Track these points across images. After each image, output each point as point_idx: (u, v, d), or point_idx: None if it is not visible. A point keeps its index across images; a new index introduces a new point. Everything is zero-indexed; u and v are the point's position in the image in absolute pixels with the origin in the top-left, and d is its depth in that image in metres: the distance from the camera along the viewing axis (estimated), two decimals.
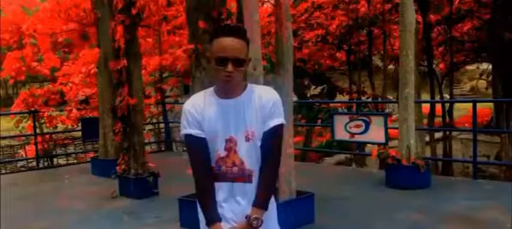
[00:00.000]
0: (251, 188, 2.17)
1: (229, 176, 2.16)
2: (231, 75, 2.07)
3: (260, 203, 2.15)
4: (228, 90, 2.14)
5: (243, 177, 2.16)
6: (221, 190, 2.18)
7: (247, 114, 2.14)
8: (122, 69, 6.91)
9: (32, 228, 5.77)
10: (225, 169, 2.15)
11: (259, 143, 2.16)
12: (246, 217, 2.13)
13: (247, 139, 2.13)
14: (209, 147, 2.15)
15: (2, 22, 12.92)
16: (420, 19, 12.45)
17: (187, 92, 12.60)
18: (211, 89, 2.21)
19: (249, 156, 2.15)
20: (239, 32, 2.12)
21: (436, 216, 5.42)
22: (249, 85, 2.22)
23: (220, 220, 2.16)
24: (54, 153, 12.46)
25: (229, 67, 2.06)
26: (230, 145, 2.14)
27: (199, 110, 2.15)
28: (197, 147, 2.16)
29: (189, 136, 2.15)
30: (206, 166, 2.17)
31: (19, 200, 7.12)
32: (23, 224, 5.93)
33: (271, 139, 2.16)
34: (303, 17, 12.77)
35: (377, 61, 17.97)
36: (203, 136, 2.14)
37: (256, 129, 2.14)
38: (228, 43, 2.07)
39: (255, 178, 2.17)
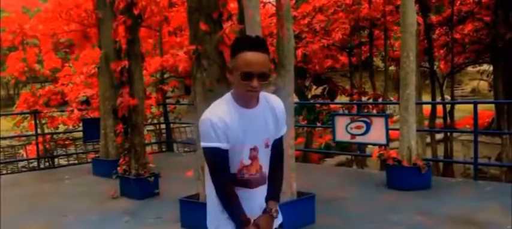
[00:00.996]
0: (265, 189, 2.32)
1: (253, 183, 2.26)
2: (256, 90, 2.13)
3: (276, 196, 2.32)
4: (251, 101, 2.21)
5: (263, 181, 2.29)
6: (242, 197, 2.24)
7: (265, 123, 2.25)
8: (123, 70, 6.93)
9: (31, 228, 5.78)
10: (249, 176, 2.24)
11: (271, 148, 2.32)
12: (264, 211, 2.25)
13: (266, 146, 2.27)
14: (233, 156, 2.20)
15: (5, 22, 12.94)
16: (421, 20, 12.44)
17: (188, 92, 12.63)
18: (230, 96, 2.22)
19: (266, 161, 2.30)
20: (263, 46, 2.15)
21: (436, 218, 5.42)
22: (260, 93, 2.26)
23: (250, 221, 2.22)
24: (55, 153, 12.46)
25: (255, 82, 2.10)
26: (254, 154, 2.23)
27: (226, 121, 2.16)
28: (223, 159, 2.18)
29: (216, 149, 2.15)
30: (230, 176, 2.23)
31: (20, 200, 7.13)
32: (24, 224, 5.94)
33: (281, 145, 2.38)
34: (305, 21, 12.76)
35: (378, 62, 17.96)
36: (228, 148, 2.18)
37: (271, 137, 2.29)
38: (254, 58, 2.10)
39: (267, 180, 2.34)
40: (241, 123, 2.18)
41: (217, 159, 2.17)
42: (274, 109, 2.29)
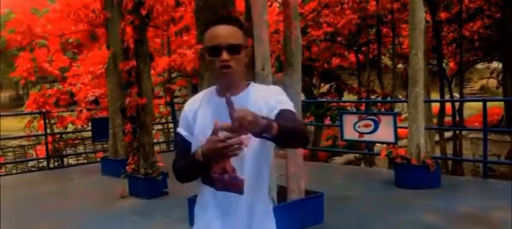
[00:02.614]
0: (244, 202, 1.89)
1: (219, 183, 1.87)
2: (228, 64, 1.84)
3: (280, 123, 1.69)
4: (228, 85, 1.88)
5: (233, 186, 1.84)
6: (210, 195, 1.95)
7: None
8: (131, 70, 6.95)
9: (41, 228, 5.82)
10: (215, 175, 1.87)
11: (259, 149, 1.88)
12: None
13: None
14: (195, 149, 1.92)
15: (14, 23, 13.05)
16: (430, 18, 12.38)
17: (196, 91, 12.62)
18: (214, 87, 2.00)
19: (242, 163, 1.85)
20: (230, 19, 1.94)
21: (446, 216, 5.39)
22: (251, 84, 1.99)
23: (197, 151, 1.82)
24: (64, 153, 12.54)
25: (224, 55, 1.83)
26: None
27: (193, 109, 2.00)
28: (182, 148, 1.99)
29: (177, 135, 2.03)
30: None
31: (29, 200, 7.18)
32: (33, 223, 5.98)
33: (289, 118, 1.81)
34: (311, 16, 12.74)
35: (386, 60, 17.89)
36: (189, 140, 1.97)
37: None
38: (220, 30, 1.87)
39: (250, 192, 1.87)
40: (211, 112, 1.92)
41: (177, 145, 2.04)
42: (262, 96, 1.89)
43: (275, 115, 1.81)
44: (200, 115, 1.97)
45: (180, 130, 2.02)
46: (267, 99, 1.89)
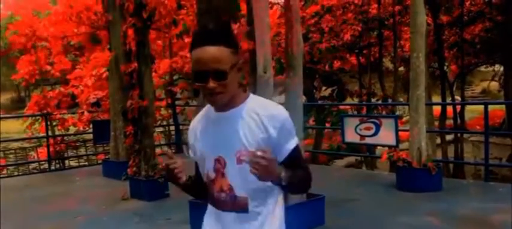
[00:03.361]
0: (248, 219, 1.81)
1: (220, 203, 1.83)
2: (214, 92, 1.71)
3: (289, 171, 1.73)
4: (218, 107, 1.80)
5: (234, 205, 1.79)
6: (212, 214, 1.94)
7: (241, 131, 1.75)
8: (133, 72, 6.97)
9: None
10: (215, 193, 1.84)
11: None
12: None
13: (239, 161, 1.75)
14: (202, 166, 1.90)
15: (16, 25, 13.08)
16: (431, 21, 12.38)
17: (197, 94, 12.63)
18: None
19: (240, 180, 1.77)
20: (216, 37, 1.70)
21: (447, 219, 5.39)
22: (250, 96, 1.85)
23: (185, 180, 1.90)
24: (65, 155, 12.56)
25: (210, 83, 1.69)
26: (218, 167, 1.80)
27: (194, 128, 1.93)
28: (195, 167, 1.97)
29: (190, 155, 2.00)
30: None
31: (31, 202, 7.19)
32: (34, 225, 5.99)
33: (296, 164, 1.82)
34: (313, 20, 12.75)
35: (387, 63, 17.89)
36: (195, 159, 1.95)
37: (250, 148, 1.72)
38: (203, 54, 1.68)
39: (253, 208, 1.80)
40: (208, 128, 1.85)
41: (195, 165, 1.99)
42: (261, 113, 1.76)
43: (285, 158, 1.78)
44: (200, 132, 1.91)
45: (190, 151, 1.99)
46: (271, 122, 1.76)
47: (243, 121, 1.76)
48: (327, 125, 13.47)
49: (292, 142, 1.79)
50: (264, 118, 1.75)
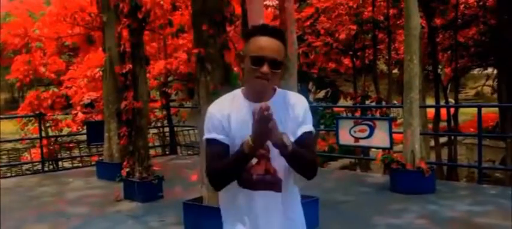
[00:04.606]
0: (280, 198, 2.04)
1: (259, 184, 2.00)
2: (267, 77, 1.92)
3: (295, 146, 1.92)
4: (260, 93, 1.98)
5: (273, 186, 2.02)
6: (243, 198, 2.03)
7: (282, 122, 1.96)
8: (128, 73, 6.96)
9: None
10: (256, 176, 2.00)
11: None
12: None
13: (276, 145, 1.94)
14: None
15: (10, 26, 13.02)
16: (425, 23, 12.44)
17: (192, 95, 12.64)
18: (239, 91, 2.06)
19: (280, 163, 1.99)
20: (279, 34, 1.99)
21: (440, 221, 5.41)
22: (278, 89, 2.08)
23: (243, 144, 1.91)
24: (59, 156, 12.50)
25: (265, 68, 1.91)
26: (262, 152, 1.97)
27: (225, 113, 2.01)
28: (220, 152, 2.00)
29: (212, 141, 2.01)
30: None
31: (24, 203, 7.16)
32: (27, 227, 5.96)
33: (307, 145, 2.01)
34: (308, 22, 12.77)
35: (382, 66, 17.95)
36: (227, 142, 2.00)
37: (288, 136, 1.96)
38: (267, 42, 1.94)
39: (284, 189, 2.03)
40: (245, 117, 1.96)
41: (212, 150, 2.02)
42: (293, 104, 2.04)
43: (298, 136, 2.01)
44: (234, 119, 2.00)
45: (213, 135, 2.00)
46: (295, 107, 2.03)
47: (277, 110, 1.92)
48: (321, 127, 13.48)
49: (309, 127, 2.04)
50: (293, 106, 2.03)
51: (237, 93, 2.06)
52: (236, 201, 2.05)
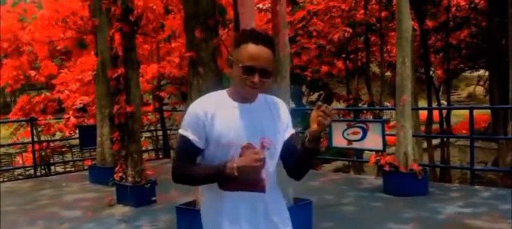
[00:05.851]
0: (263, 198, 2.06)
1: (246, 184, 2.00)
2: (257, 86, 1.98)
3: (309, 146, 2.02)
4: (248, 98, 2.04)
5: (259, 187, 2.03)
6: (234, 199, 2.02)
7: (262, 121, 2.04)
8: (120, 77, 6.93)
9: None
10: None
11: (274, 151, 2.07)
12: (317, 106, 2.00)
13: (263, 146, 2.01)
14: (223, 153, 1.99)
15: (1, 30, 12.95)
16: (417, 26, 12.50)
17: (185, 99, 12.62)
18: (224, 91, 2.08)
19: (266, 164, 1.99)
20: (270, 42, 2.01)
21: (433, 223, 5.43)
22: (259, 93, 2.12)
23: (224, 164, 1.96)
24: (51, 161, 12.42)
25: (256, 78, 1.95)
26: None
27: (209, 113, 1.99)
28: (188, 152, 2.02)
29: (184, 138, 2.01)
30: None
31: (16, 208, 7.10)
32: None
33: (296, 146, 2.13)
34: (300, 24, 12.79)
35: (374, 68, 18.03)
36: (200, 146, 2.00)
37: (273, 137, 2.05)
38: (259, 52, 1.96)
39: (268, 188, 2.06)
40: (232, 117, 2.00)
41: (182, 148, 2.03)
42: (276, 106, 2.12)
43: (288, 138, 2.12)
44: (220, 119, 1.99)
45: (188, 134, 2.01)
46: (280, 110, 2.13)
47: (263, 113, 2.06)
48: None
49: (293, 128, 2.17)
50: (277, 109, 2.12)
51: (222, 94, 2.07)
52: (218, 206, 2.03)
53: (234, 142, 1.98)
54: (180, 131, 2.04)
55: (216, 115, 2.00)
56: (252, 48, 1.96)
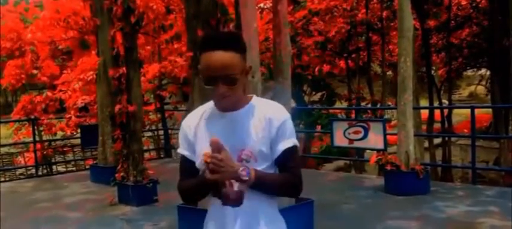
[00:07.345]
0: (239, 213, 1.83)
1: (224, 198, 1.80)
2: (224, 96, 1.77)
3: (261, 174, 1.78)
4: (226, 109, 1.86)
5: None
6: (216, 209, 1.90)
7: (244, 131, 1.83)
8: (121, 77, 6.94)
9: None
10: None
11: (256, 164, 1.82)
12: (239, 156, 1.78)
13: (240, 159, 1.80)
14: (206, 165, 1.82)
15: (2, 30, 12.97)
16: (418, 25, 12.49)
17: (186, 99, 12.62)
18: (212, 102, 1.92)
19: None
20: (227, 42, 1.77)
21: (434, 222, 5.43)
22: (254, 98, 1.92)
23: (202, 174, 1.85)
24: (53, 160, 12.43)
25: (221, 88, 1.75)
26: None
27: (193, 126, 1.93)
28: (185, 167, 1.96)
29: (181, 156, 1.97)
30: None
31: (18, 208, 7.11)
32: None
33: (289, 167, 1.87)
34: (301, 23, 12.79)
35: (376, 67, 18.01)
36: (192, 159, 1.92)
37: (254, 149, 1.82)
38: (216, 59, 1.73)
39: (247, 202, 1.79)
40: (211, 128, 1.87)
41: (181, 167, 1.98)
42: (264, 115, 1.85)
43: (276, 157, 1.85)
44: (202, 133, 1.90)
45: (181, 150, 1.97)
46: (272, 121, 1.84)
47: (247, 122, 1.84)
48: (318, 128, 13.50)
49: (287, 143, 1.85)
50: (267, 118, 1.84)
51: (209, 104, 1.93)
52: (210, 212, 1.99)
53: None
54: (178, 150, 2.02)
55: (199, 128, 1.91)
56: (208, 56, 1.75)
